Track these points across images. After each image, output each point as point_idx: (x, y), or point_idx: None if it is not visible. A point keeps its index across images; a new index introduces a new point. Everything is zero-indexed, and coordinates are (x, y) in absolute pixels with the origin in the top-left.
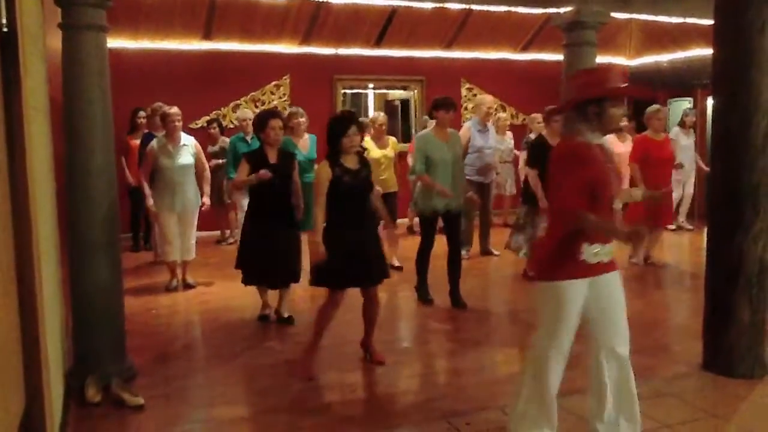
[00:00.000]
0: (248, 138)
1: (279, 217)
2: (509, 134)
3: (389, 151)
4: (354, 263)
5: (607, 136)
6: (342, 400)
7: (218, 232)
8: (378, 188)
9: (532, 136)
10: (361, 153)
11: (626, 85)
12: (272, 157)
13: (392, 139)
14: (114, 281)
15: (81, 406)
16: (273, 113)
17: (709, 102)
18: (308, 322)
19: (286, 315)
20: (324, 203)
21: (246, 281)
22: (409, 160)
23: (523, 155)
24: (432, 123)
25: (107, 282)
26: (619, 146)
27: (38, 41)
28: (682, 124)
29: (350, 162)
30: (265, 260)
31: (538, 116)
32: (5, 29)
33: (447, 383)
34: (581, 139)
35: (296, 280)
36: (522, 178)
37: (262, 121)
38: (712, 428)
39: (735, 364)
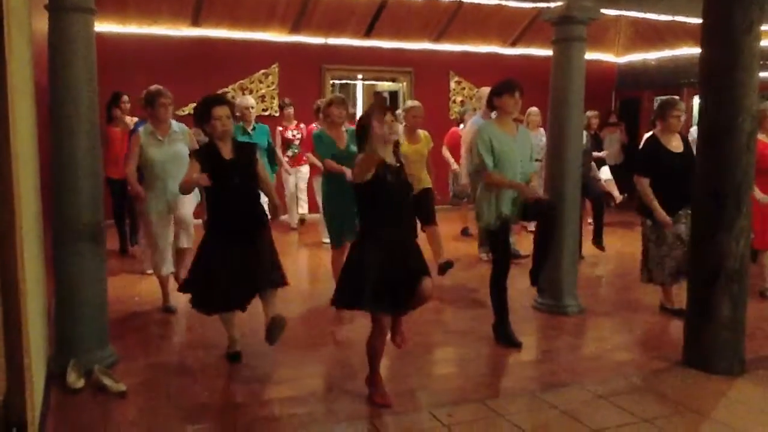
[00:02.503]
0: (249, 128)
1: (242, 225)
2: (541, 130)
3: (422, 147)
4: (396, 278)
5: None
6: (323, 391)
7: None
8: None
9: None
10: (397, 149)
11: None
12: (226, 152)
13: (425, 133)
14: (97, 266)
15: (62, 391)
16: (216, 100)
17: (695, 101)
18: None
19: (275, 314)
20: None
21: (201, 308)
22: (444, 153)
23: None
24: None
25: (90, 267)
26: None
27: (24, 22)
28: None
29: (389, 158)
30: (226, 281)
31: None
32: None
33: (429, 375)
34: None
35: (277, 283)
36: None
37: (204, 112)
38: (691, 423)
39: (714, 360)
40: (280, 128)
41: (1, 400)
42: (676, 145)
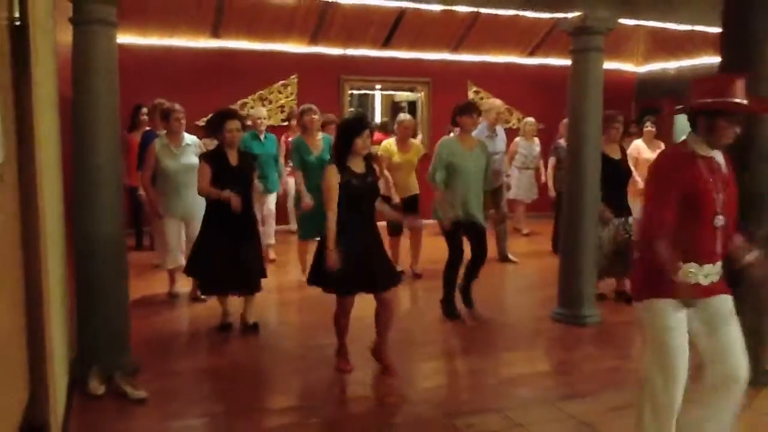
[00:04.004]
0: (261, 136)
1: (239, 223)
2: (536, 140)
3: (412, 156)
4: (360, 269)
5: (637, 143)
6: (342, 397)
7: None
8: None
9: (562, 141)
10: (368, 157)
11: (746, 100)
12: (233, 158)
13: (416, 144)
14: (118, 274)
15: (83, 397)
16: (229, 114)
17: None
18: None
19: (251, 322)
20: (336, 209)
21: (205, 291)
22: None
23: (551, 161)
24: (457, 130)
25: (112, 275)
26: (648, 153)
27: (49, 35)
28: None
29: (357, 166)
30: (225, 269)
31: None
32: (18, 23)
33: (447, 384)
34: (684, 149)
35: (259, 289)
36: (550, 184)
37: (217, 124)
38: None
39: None
40: (284, 136)
41: (25, 404)
42: (614, 154)
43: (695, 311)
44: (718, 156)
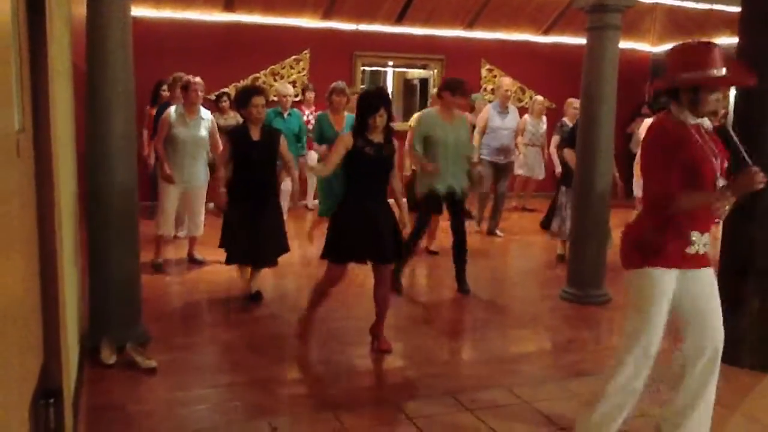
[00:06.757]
0: (285, 114)
1: (261, 195)
2: (544, 118)
3: None
4: (365, 238)
5: (648, 122)
6: (348, 372)
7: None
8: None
9: (566, 119)
10: (389, 130)
11: (726, 69)
12: (255, 134)
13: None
14: (131, 246)
15: (95, 366)
16: (256, 90)
17: (732, 91)
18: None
19: (254, 290)
20: (333, 164)
21: (229, 260)
22: None
23: (555, 139)
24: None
25: (123, 247)
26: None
27: (63, 5)
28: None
29: (376, 136)
30: (248, 240)
31: (575, 101)
32: None
33: (454, 361)
34: (674, 120)
35: (275, 263)
36: (556, 161)
37: (244, 99)
38: (718, 417)
39: (744, 354)
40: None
41: (39, 371)
42: None
43: (684, 279)
44: (705, 122)
